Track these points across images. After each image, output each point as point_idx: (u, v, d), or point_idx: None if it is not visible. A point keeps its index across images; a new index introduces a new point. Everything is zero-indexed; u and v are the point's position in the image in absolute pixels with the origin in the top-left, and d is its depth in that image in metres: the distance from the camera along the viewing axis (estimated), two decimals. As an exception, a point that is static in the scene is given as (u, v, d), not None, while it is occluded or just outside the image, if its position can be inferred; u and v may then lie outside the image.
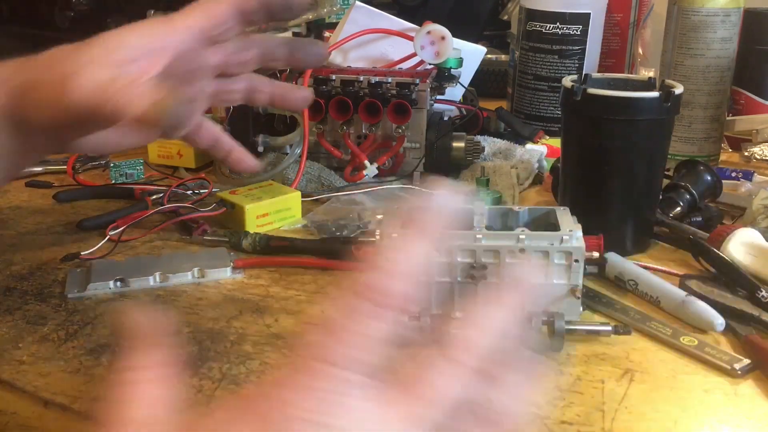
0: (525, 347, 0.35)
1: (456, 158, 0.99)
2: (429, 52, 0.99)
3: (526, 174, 1.01)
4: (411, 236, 0.34)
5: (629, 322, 0.65)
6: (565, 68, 1.17)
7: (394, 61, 1.07)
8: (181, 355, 0.60)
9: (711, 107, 1.05)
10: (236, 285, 0.73)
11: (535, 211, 0.69)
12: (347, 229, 0.83)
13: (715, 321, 0.63)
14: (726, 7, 1.02)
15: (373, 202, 0.91)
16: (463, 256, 0.63)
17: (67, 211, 0.92)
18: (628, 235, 0.79)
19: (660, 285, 0.69)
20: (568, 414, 0.53)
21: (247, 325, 0.65)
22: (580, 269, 0.63)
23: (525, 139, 1.12)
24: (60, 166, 1.05)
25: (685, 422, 0.53)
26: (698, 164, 0.87)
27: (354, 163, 0.98)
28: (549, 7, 1.16)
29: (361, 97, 0.96)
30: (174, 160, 1.06)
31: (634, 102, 0.74)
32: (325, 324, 0.32)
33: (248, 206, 0.83)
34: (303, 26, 1.14)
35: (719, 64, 1.03)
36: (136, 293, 0.71)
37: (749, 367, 0.59)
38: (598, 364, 0.59)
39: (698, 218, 0.83)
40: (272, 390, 0.31)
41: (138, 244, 0.82)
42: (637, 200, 0.78)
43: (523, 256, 0.62)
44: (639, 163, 0.77)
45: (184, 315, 0.67)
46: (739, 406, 0.55)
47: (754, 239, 0.73)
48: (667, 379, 0.58)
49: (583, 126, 0.78)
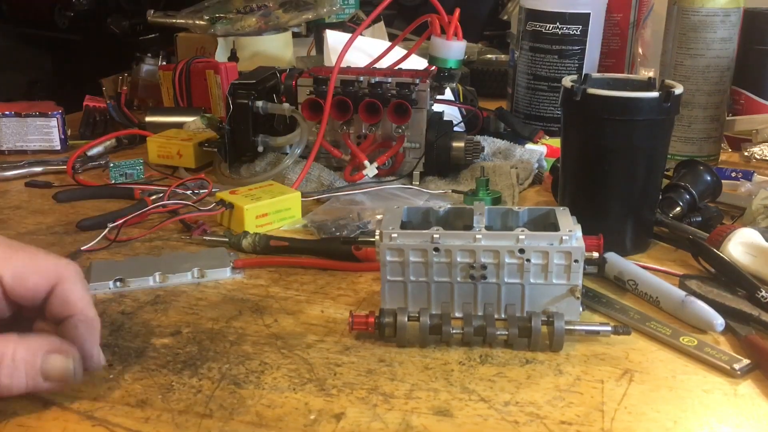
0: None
1: (456, 158, 0.99)
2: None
3: (525, 174, 1.01)
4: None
5: (629, 322, 0.65)
6: (565, 68, 1.17)
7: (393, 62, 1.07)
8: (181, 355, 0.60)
9: (711, 107, 1.05)
10: (236, 285, 0.73)
11: (535, 211, 0.69)
12: (347, 229, 0.83)
13: (714, 321, 0.63)
14: (726, 7, 1.02)
15: (373, 202, 0.91)
16: (463, 256, 0.63)
17: (67, 211, 0.92)
18: (628, 235, 0.79)
19: (659, 285, 0.69)
20: (567, 414, 0.53)
21: (247, 325, 0.65)
22: (579, 269, 0.63)
23: (525, 139, 1.12)
24: (60, 166, 1.05)
25: (685, 422, 0.53)
26: (698, 164, 0.87)
27: (354, 163, 0.98)
28: (549, 7, 1.16)
29: (361, 97, 0.96)
30: (174, 160, 1.06)
31: (633, 102, 0.74)
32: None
33: (247, 206, 0.83)
34: (303, 26, 1.14)
35: (719, 64, 1.03)
36: (135, 293, 0.71)
37: (749, 367, 0.59)
38: (597, 365, 0.59)
39: (698, 218, 0.83)
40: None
41: (138, 244, 0.82)
42: (636, 200, 0.78)
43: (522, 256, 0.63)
44: (639, 163, 0.77)
45: (183, 315, 0.67)
46: (738, 407, 0.55)
47: (753, 239, 0.73)
48: (666, 379, 0.58)
49: (583, 126, 0.78)
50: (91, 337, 0.55)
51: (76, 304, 0.54)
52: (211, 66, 1.24)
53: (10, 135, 1.13)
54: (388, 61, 1.04)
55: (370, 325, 0.62)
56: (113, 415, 0.53)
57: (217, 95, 1.22)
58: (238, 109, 0.97)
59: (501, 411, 0.53)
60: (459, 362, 0.59)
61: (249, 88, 0.98)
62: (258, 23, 1.35)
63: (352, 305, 0.69)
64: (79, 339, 0.54)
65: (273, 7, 1.38)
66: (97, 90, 1.35)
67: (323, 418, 0.53)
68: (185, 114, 1.20)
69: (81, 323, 0.54)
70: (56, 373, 0.52)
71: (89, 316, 0.55)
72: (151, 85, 1.37)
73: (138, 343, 0.62)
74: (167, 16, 1.40)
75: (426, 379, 0.57)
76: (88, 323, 0.55)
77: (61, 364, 0.52)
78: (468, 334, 0.61)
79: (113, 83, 1.37)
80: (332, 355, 0.61)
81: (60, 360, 0.52)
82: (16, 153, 1.13)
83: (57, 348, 0.52)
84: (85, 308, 0.55)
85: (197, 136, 1.08)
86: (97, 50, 1.93)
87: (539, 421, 0.52)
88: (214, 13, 1.37)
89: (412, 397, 0.55)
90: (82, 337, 0.54)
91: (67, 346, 0.53)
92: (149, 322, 0.66)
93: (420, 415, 0.53)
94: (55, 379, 0.52)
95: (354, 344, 0.62)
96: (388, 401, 0.54)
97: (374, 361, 0.60)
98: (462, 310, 0.64)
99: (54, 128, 1.14)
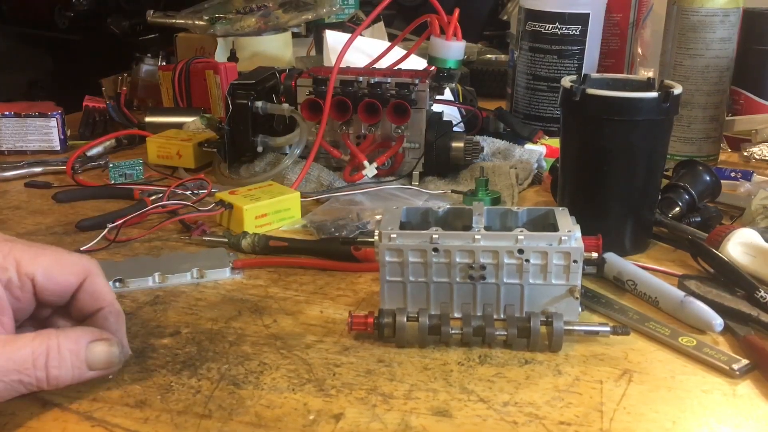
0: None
1: (455, 158, 0.99)
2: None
3: (525, 174, 1.01)
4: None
5: (628, 322, 0.65)
6: (565, 68, 1.17)
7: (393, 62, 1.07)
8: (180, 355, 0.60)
9: (710, 107, 1.05)
10: (235, 285, 0.73)
11: (534, 212, 0.69)
12: (346, 229, 0.83)
13: (713, 321, 0.63)
14: (725, 7, 1.02)
15: (372, 202, 0.92)
16: (462, 257, 0.63)
17: (67, 211, 0.92)
18: (627, 236, 0.79)
19: (659, 285, 0.69)
20: (566, 414, 0.53)
21: (246, 326, 0.65)
22: (578, 270, 0.63)
23: (524, 139, 1.13)
24: (59, 166, 1.05)
25: (684, 423, 0.53)
26: (697, 164, 0.87)
27: (353, 164, 0.98)
28: (548, 7, 1.16)
29: (361, 97, 0.96)
30: (173, 161, 1.06)
31: (633, 102, 0.74)
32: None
33: (247, 207, 0.83)
34: (302, 27, 1.14)
35: (718, 64, 1.03)
36: (134, 294, 0.71)
37: (748, 367, 0.59)
38: (596, 365, 0.59)
39: (697, 218, 0.83)
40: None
41: (137, 245, 0.82)
42: (636, 200, 0.78)
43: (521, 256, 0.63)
44: (638, 164, 0.77)
45: (182, 315, 0.67)
46: (737, 407, 0.55)
47: (752, 239, 0.73)
48: (665, 379, 0.58)
49: (583, 126, 0.78)
50: (121, 327, 0.57)
51: (105, 297, 0.56)
52: (211, 66, 1.24)
53: (10, 135, 1.13)
54: (388, 61, 1.04)
55: (369, 326, 0.62)
56: (112, 415, 0.53)
57: (217, 95, 1.22)
58: (238, 109, 0.97)
59: (500, 411, 0.53)
60: (458, 362, 0.59)
61: (248, 88, 0.98)
62: (258, 23, 1.35)
63: (351, 305, 0.69)
64: (111, 329, 0.55)
65: (273, 8, 1.38)
66: (96, 90, 1.35)
67: (322, 418, 0.53)
68: (185, 114, 1.20)
69: (111, 314, 0.56)
70: (101, 360, 0.53)
71: (117, 308, 0.57)
72: (151, 86, 1.37)
73: (137, 343, 0.62)
74: (167, 17, 1.40)
75: (425, 379, 0.57)
76: (117, 314, 0.57)
77: (106, 352, 0.53)
78: (467, 334, 0.61)
79: (113, 83, 1.37)
80: (331, 355, 0.61)
81: (104, 347, 0.53)
82: (15, 153, 1.13)
83: (99, 336, 0.53)
84: (114, 300, 0.57)
85: (197, 137, 1.08)
86: (96, 50, 1.93)
87: (538, 421, 0.52)
88: (213, 13, 1.37)
89: (411, 398, 0.55)
90: (113, 328, 0.56)
91: (107, 334, 0.54)
92: (148, 323, 0.66)
93: (419, 415, 0.53)
94: (99, 367, 0.53)
95: (353, 344, 0.62)
96: (387, 401, 0.54)
97: (373, 361, 0.60)
98: (461, 311, 0.64)
99: (53, 128, 1.14)
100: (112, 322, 0.56)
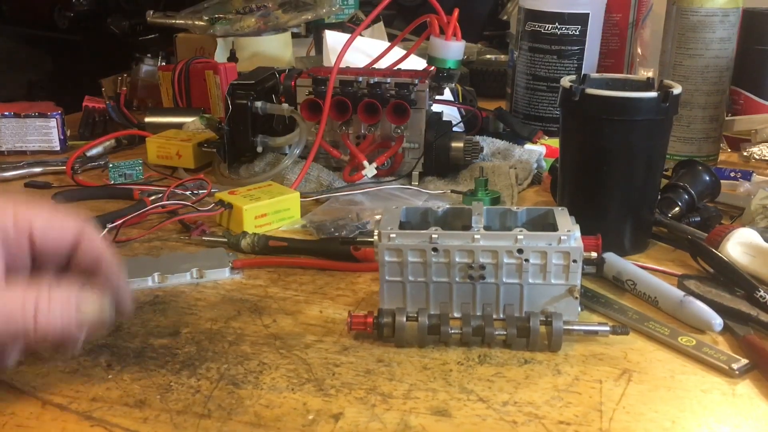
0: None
1: (455, 158, 0.99)
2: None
3: (524, 174, 1.01)
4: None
5: (627, 322, 0.65)
6: (564, 68, 1.17)
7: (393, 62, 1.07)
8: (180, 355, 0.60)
9: (710, 107, 1.05)
10: (234, 285, 0.73)
11: (534, 212, 0.69)
12: (346, 229, 0.83)
13: (713, 321, 0.63)
14: (725, 7, 1.02)
15: (372, 202, 0.92)
16: (461, 257, 0.63)
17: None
18: (627, 235, 0.79)
19: (658, 285, 0.69)
20: (565, 414, 0.53)
21: (246, 326, 0.65)
22: (578, 269, 0.63)
23: (524, 139, 1.12)
24: (59, 166, 1.05)
25: (683, 422, 0.53)
26: (697, 164, 0.87)
27: (353, 164, 0.98)
28: (548, 7, 1.16)
29: (360, 97, 0.96)
30: (173, 161, 1.06)
31: (632, 102, 0.74)
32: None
33: (246, 207, 0.83)
34: (302, 27, 1.14)
35: (718, 64, 1.03)
36: (134, 294, 0.71)
37: (747, 367, 0.59)
38: (596, 365, 0.59)
39: (696, 218, 0.83)
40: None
41: (137, 245, 0.82)
42: (635, 200, 0.78)
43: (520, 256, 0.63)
44: (637, 164, 0.77)
45: (182, 315, 0.67)
46: (737, 406, 0.55)
47: (752, 239, 0.73)
48: (665, 379, 0.58)
49: (582, 126, 0.78)
50: (122, 283, 0.57)
51: (104, 252, 0.56)
52: (211, 66, 1.24)
53: (10, 135, 1.13)
54: (387, 61, 1.04)
55: (368, 326, 0.62)
56: (112, 415, 0.53)
57: (217, 96, 1.22)
58: (237, 109, 0.97)
59: (499, 411, 0.53)
60: (457, 362, 0.59)
61: (248, 88, 0.98)
62: (257, 24, 1.35)
63: (350, 305, 0.69)
64: (112, 285, 0.55)
65: (272, 8, 1.38)
66: (96, 90, 1.35)
67: (321, 418, 0.53)
68: (184, 114, 1.20)
69: (111, 271, 0.56)
70: (91, 311, 0.52)
71: (117, 264, 0.57)
72: (151, 86, 1.37)
73: (137, 343, 0.62)
74: (167, 17, 1.40)
75: (424, 379, 0.57)
76: (117, 270, 0.57)
77: (97, 303, 0.53)
78: (466, 334, 0.61)
79: (113, 84, 1.37)
80: (331, 355, 0.61)
81: (94, 298, 0.53)
82: (15, 153, 1.13)
83: (89, 288, 0.53)
84: (112, 256, 0.57)
85: (196, 137, 1.08)
86: (96, 51, 1.93)
87: (537, 421, 0.52)
88: (213, 13, 1.37)
89: (411, 397, 0.55)
90: (114, 282, 0.56)
91: (98, 288, 0.54)
92: (148, 323, 0.66)
93: (418, 415, 0.53)
94: (89, 319, 0.52)
95: (352, 344, 0.62)
96: (386, 401, 0.54)
97: (373, 361, 0.60)
98: (460, 310, 0.64)
99: (53, 129, 1.14)
100: (112, 278, 0.56)
